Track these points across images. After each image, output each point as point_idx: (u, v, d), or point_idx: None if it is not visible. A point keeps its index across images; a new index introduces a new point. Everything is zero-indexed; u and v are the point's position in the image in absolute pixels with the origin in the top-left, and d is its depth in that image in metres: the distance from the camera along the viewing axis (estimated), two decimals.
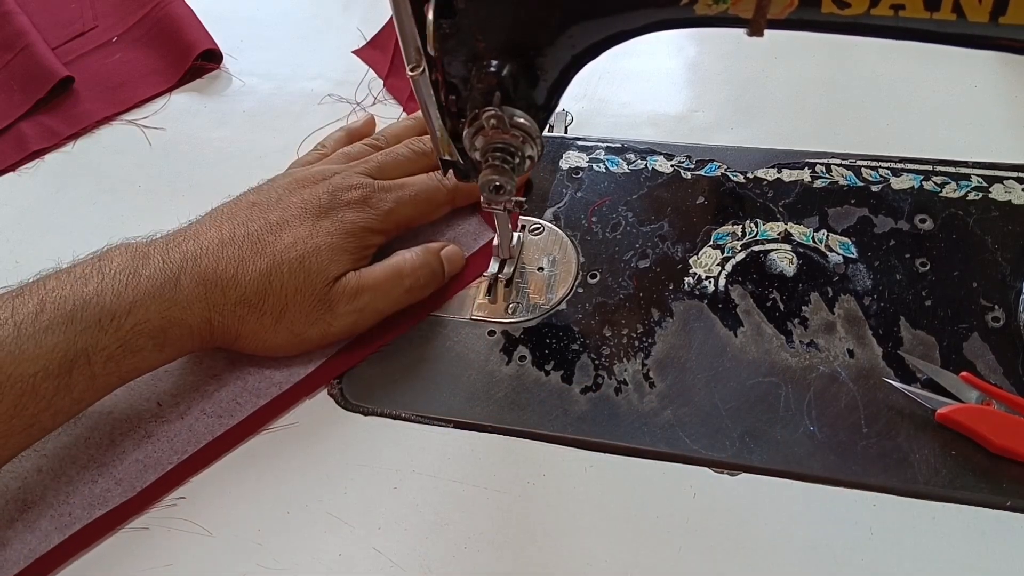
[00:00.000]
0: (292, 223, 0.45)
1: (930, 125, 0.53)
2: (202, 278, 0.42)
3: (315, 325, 0.44)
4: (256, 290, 0.43)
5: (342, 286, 0.44)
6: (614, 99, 0.60)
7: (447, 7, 0.35)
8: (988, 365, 0.41)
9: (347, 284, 0.45)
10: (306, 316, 0.44)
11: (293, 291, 0.43)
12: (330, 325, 0.45)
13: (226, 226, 0.44)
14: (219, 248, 0.43)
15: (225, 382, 0.46)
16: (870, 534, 0.37)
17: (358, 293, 0.45)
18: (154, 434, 0.44)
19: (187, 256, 0.42)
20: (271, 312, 0.43)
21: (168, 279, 0.41)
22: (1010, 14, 0.30)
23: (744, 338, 0.44)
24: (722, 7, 0.32)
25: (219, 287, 0.42)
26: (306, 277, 0.43)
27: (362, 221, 0.46)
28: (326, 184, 0.47)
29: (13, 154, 0.63)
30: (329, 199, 0.46)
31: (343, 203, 0.46)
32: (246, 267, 0.43)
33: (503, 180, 0.40)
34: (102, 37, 0.72)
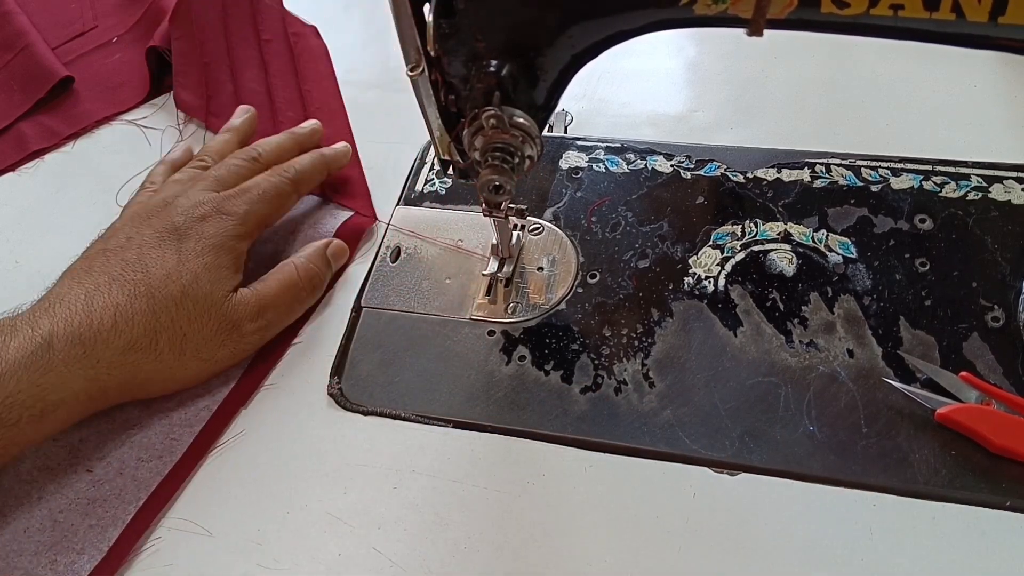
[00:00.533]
0: (154, 255, 0.44)
1: (930, 125, 0.53)
2: (78, 337, 0.40)
3: (224, 346, 0.45)
4: (144, 332, 0.42)
5: (242, 306, 0.45)
6: (614, 99, 0.60)
7: (447, 7, 0.35)
8: (988, 365, 0.41)
9: (247, 304, 0.45)
10: (212, 339, 0.44)
11: (187, 321, 0.43)
12: (238, 344, 0.45)
13: (87, 280, 0.43)
14: (87, 302, 0.41)
15: (148, 425, 0.45)
16: (870, 534, 0.37)
17: (260, 312, 0.45)
18: (97, 497, 0.42)
19: (56, 319, 0.41)
20: (169, 348, 0.43)
21: (39, 346, 0.39)
22: (1009, 14, 0.30)
23: (744, 338, 0.44)
24: (721, 7, 0.32)
25: (100, 341, 0.41)
26: (195, 305, 0.43)
27: (224, 231, 0.46)
28: (173, 208, 0.46)
29: (13, 154, 0.63)
30: (183, 219, 0.45)
31: (198, 218, 0.46)
32: (124, 312, 0.42)
33: (503, 180, 0.40)
34: (102, 37, 0.72)
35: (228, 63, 0.64)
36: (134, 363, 0.42)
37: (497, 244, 0.48)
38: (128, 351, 0.41)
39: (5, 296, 0.54)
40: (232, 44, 0.65)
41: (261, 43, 0.65)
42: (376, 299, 0.49)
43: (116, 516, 0.42)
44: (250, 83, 0.63)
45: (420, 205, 0.54)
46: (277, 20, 0.67)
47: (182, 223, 0.45)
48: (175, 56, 0.65)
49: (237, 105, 0.59)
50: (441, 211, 0.54)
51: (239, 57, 0.65)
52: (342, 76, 0.66)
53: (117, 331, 0.41)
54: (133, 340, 0.41)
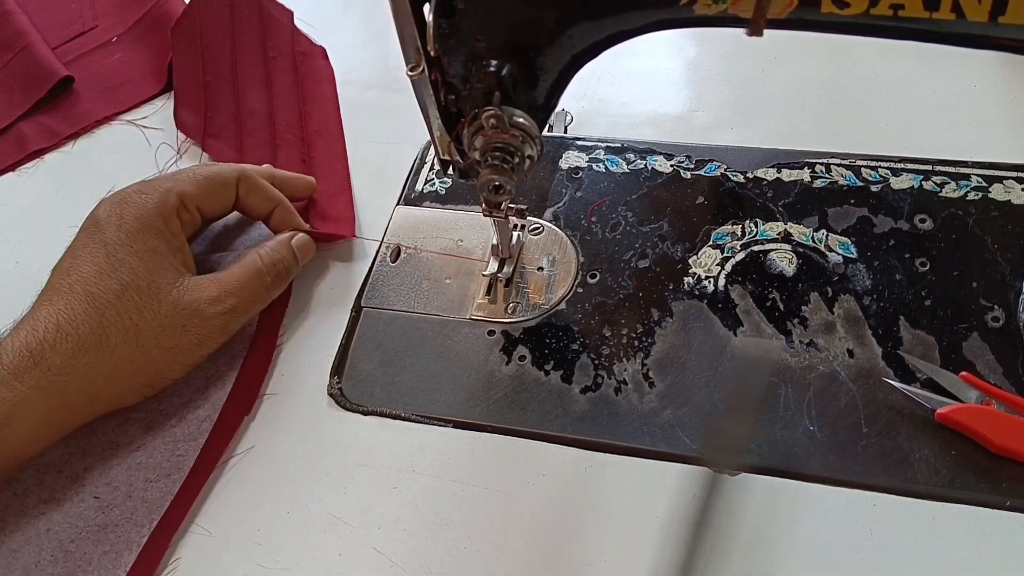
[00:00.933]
0: (84, 256, 0.43)
1: (930, 125, 0.53)
2: (24, 347, 0.40)
3: (186, 332, 0.43)
4: (91, 331, 0.41)
5: (199, 290, 0.44)
6: (614, 99, 0.60)
7: (447, 7, 0.35)
8: (988, 365, 0.41)
9: (203, 288, 0.44)
10: (169, 326, 0.43)
11: (136, 312, 0.42)
12: (203, 328, 0.44)
13: (34, 304, 0.43)
14: (31, 317, 0.41)
15: (151, 445, 0.44)
16: (870, 534, 0.37)
17: (221, 296, 0.44)
18: (108, 523, 0.42)
19: (4, 340, 0.41)
20: (124, 342, 0.41)
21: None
22: (1009, 14, 0.30)
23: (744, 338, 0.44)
24: (721, 7, 0.32)
25: (47, 348, 0.40)
26: (139, 295, 0.42)
27: (143, 210, 0.44)
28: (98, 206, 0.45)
29: (13, 154, 0.63)
30: (104, 211, 0.44)
31: (116, 204, 0.44)
32: (66, 316, 0.41)
33: (503, 180, 0.40)
34: (102, 37, 0.72)
35: (231, 81, 0.62)
36: (88, 365, 0.40)
37: (497, 244, 0.48)
38: (79, 353, 0.40)
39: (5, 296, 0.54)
40: (237, 60, 0.63)
41: (267, 60, 0.63)
42: (376, 299, 0.49)
43: (130, 539, 0.41)
44: (252, 103, 0.61)
45: (420, 205, 0.54)
46: (286, 37, 0.65)
47: (103, 215, 0.44)
48: (177, 72, 0.64)
49: (236, 127, 0.59)
50: (441, 211, 0.54)
51: (243, 75, 0.63)
52: (342, 76, 0.66)
53: (62, 335, 0.40)
54: (81, 341, 0.40)
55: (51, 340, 0.40)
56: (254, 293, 0.46)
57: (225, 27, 0.64)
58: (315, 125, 0.59)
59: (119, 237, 0.43)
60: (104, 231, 0.43)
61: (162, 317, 0.42)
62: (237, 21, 0.65)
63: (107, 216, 0.44)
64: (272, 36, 0.64)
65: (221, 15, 0.65)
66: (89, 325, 0.41)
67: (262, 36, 0.64)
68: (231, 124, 0.60)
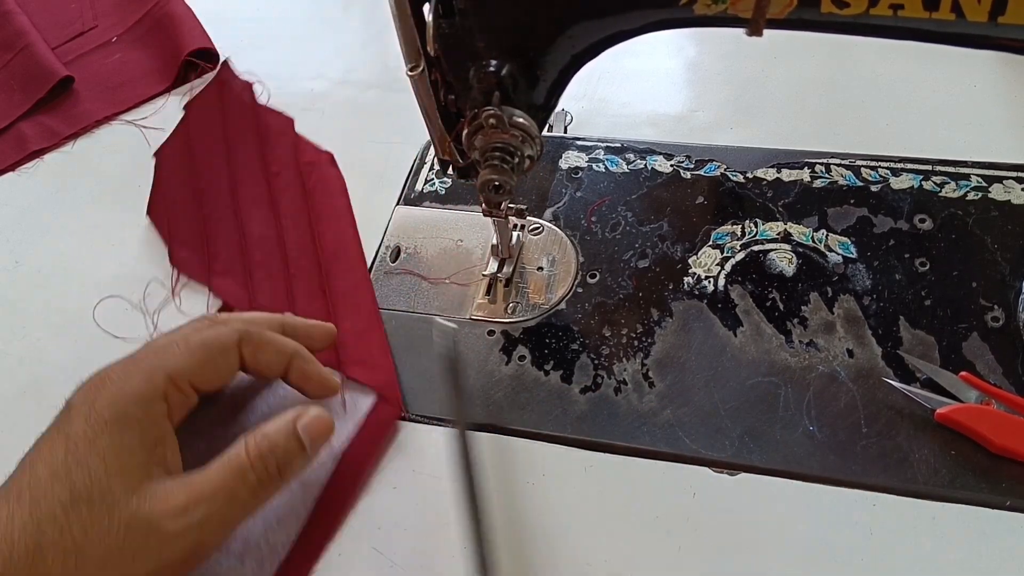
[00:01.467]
0: (44, 450, 0.35)
1: (930, 125, 0.53)
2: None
3: (137, 560, 0.33)
4: (25, 550, 0.32)
5: (162, 499, 0.34)
6: (614, 99, 0.60)
7: (447, 7, 0.35)
8: (988, 365, 0.41)
9: (170, 496, 0.34)
10: (118, 550, 0.33)
11: (80, 532, 0.33)
12: (161, 553, 0.34)
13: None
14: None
15: None
16: (870, 534, 0.37)
17: (188, 506, 0.34)
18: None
19: None
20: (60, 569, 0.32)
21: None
22: (1009, 14, 0.30)
23: (744, 338, 0.44)
24: (721, 7, 0.32)
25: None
26: (89, 510, 0.33)
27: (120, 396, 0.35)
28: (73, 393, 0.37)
29: (13, 154, 0.63)
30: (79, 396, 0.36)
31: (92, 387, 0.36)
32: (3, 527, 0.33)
33: (502, 180, 0.40)
34: (102, 37, 0.72)
35: (232, 207, 0.55)
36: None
37: (497, 244, 0.48)
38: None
39: (5, 296, 0.54)
40: (237, 182, 0.57)
41: (270, 177, 0.57)
42: (376, 299, 0.49)
43: None
44: (257, 229, 0.54)
45: (420, 205, 0.54)
46: (288, 148, 0.58)
47: (76, 401, 0.36)
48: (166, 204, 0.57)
49: (243, 259, 0.51)
50: (441, 211, 0.54)
51: (244, 198, 0.56)
52: (342, 76, 0.66)
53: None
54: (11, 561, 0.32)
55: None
56: (232, 499, 0.35)
57: (219, 146, 0.58)
58: (331, 246, 0.52)
59: (84, 431, 0.35)
60: (72, 422, 0.35)
61: (111, 540, 0.33)
62: (232, 138, 0.59)
63: (79, 403, 0.36)
64: (273, 149, 0.58)
65: (213, 133, 0.59)
66: (24, 542, 0.32)
67: (261, 151, 0.58)
68: (237, 257, 0.53)
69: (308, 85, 0.66)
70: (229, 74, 0.59)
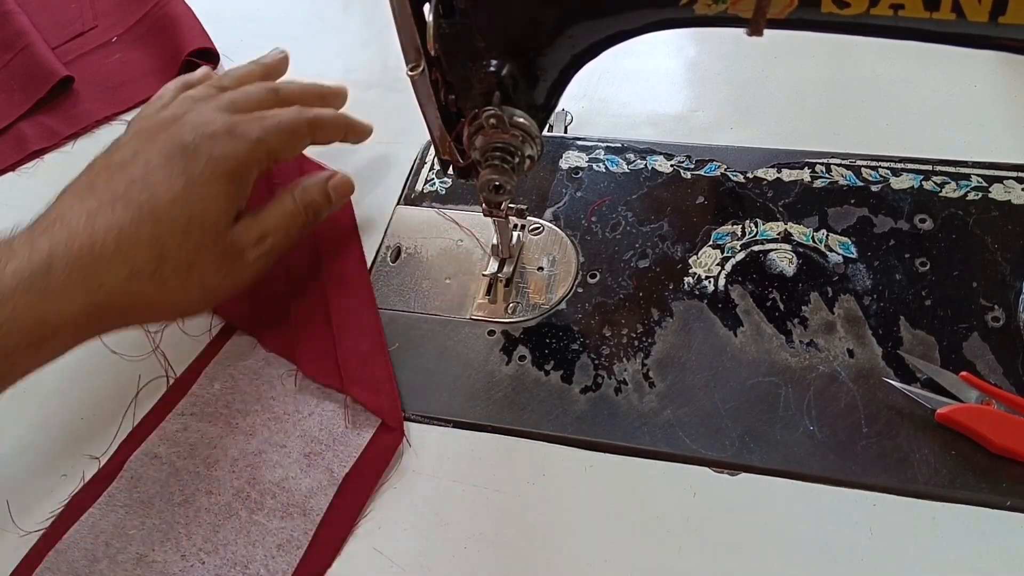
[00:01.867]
0: (160, 175, 0.41)
1: (930, 125, 0.53)
2: (78, 261, 0.38)
3: (227, 276, 0.43)
4: (149, 258, 0.39)
5: (246, 233, 0.44)
6: (614, 99, 0.60)
7: (447, 7, 0.35)
8: (988, 365, 0.41)
9: (250, 231, 0.44)
10: (216, 268, 0.42)
11: (195, 251, 0.41)
12: (242, 274, 0.44)
13: (89, 197, 0.40)
14: (90, 223, 0.39)
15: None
16: (870, 534, 0.37)
17: (262, 238, 0.44)
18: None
19: (56, 241, 0.38)
20: (175, 274, 0.40)
21: (37, 269, 0.37)
22: (1010, 14, 0.30)
23: (744, 338, 0.44)
24: (721, 7, 0.32)
25: (101, 266, 0.38)
26: (202, 235, 0.41)
27: (234, 155, 0.43)
28: (182, 124, 0.43)
29: (13, 154, 0.63)
30: (192, 136, 0.42)
31: (207, 136, 0.42)
32: (127, 237, 0.39)
33: (503, 179, 0.40)
34: (102, 37, 0.72)
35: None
36: (137, 291, 0.40)
37: (497, 244, 0.48)
38: (131, 278, 0.39)
39: None
40: None
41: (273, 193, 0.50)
42: (376, 299, 0.49)
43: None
44: None
45: (420, 205, 0.54)
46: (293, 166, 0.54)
47: (191, 141, 0.42)
48: None
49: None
50: (441, 211, 0.54)
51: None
52: (342, 76, 0.65)
53: (120, 256, 0.39)
54: (137, 267, 0.39)
55: (107, 260, 0.38)
56: (287, 234, 0.46)
57: None
58: (335, 266, 0.50)
59: (205, 173, 0.42)
60: (191, 162, 0.42)
61: (211, 258, 0.42)
62: None
63: (195, 146, 0.42)
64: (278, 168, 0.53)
65: None
66: (148, 253, 0.39)
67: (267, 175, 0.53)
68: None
69: None
70: None
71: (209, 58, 0.67)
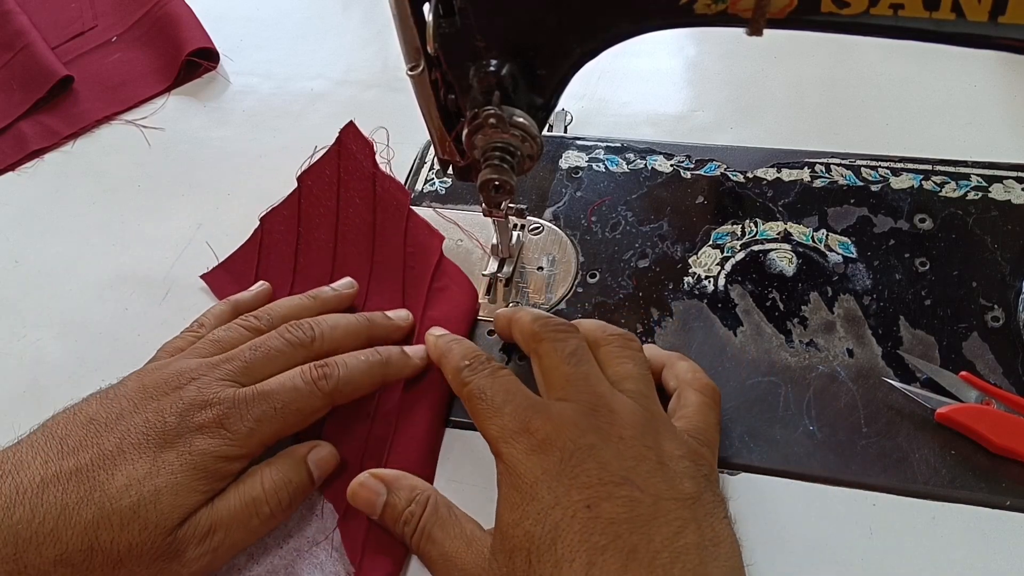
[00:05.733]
0: (129, 455, 0.36)
1: (930, 125, 0.53)
2: (14, 534, 0.34)
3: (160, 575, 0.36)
4: (80, 548, 0.34)
5: (191, 528, 0.36)
6: (614, 99, 0.60)
7: (447, 7, 0.35)
8: (988, 365, 0.41)
9: (197, 524, 0.36)
10: (146, 570, 0.36)
11: (127, 547, 0.35)
12: (180, 571, 0.36)
13: (52, 456, 0.36)
14: (39, 491, 0.35)
15: None
16: (870, 534, 0.37)
17: (210, 532, 0.36)
18: None
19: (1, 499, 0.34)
20: (100, 569, 0.35)
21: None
22: (1009, 14, 0.30)
23: (744, 338, 0.44)
24: (721, 7, 0.32)
25: (34, 544, 0.34)
26: (141, 530, 0.35)
27: (215, 450, 0.37)
28: (176, 398, 0.38)
29: (13, 154, 0.63)
30: (177, 422, 0.37)
31: (194, 427, 0.37)
32: (68, 518, 0.34)
33: (503, 179, 0.40)
34: (102, 37, 0.72)
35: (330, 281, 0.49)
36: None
37: (497, 244, 0.48)
38: (58, 563, 0.34)
39: (5, 296, 0.54)
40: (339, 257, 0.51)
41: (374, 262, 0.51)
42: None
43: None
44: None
45: (420, 205, 0.54)
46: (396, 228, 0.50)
47: (175, 427, 0.37)
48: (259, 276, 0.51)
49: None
50: (441, 211, 0.54)
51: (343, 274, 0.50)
52: (342, 76, 0.66)
53: (55, 539, 0.34)
54: (67, 554, 0.34)
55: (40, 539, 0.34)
56: (244, 527, 0.37)
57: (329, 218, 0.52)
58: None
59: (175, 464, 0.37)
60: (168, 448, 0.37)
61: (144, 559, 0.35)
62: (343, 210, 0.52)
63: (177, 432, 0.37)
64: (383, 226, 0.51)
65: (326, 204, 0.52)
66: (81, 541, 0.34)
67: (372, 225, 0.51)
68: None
69: (308, 85, 0.66)
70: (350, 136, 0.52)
71: (209, 58, 0.67)
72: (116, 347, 0.49)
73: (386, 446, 0.42)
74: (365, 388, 0.42)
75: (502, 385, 0.38)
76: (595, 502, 0.33)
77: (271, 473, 0.39)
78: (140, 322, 0.51)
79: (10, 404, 0.48)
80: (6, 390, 0.48)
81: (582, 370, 0.38)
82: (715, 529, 0.34)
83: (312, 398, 0.40)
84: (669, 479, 0.34)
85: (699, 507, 0.34)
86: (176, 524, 0.36)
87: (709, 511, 0.34)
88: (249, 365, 0.40)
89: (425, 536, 0.37)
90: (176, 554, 0.36)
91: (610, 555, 0.31)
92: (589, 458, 0.34)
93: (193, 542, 0.36)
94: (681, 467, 0.34)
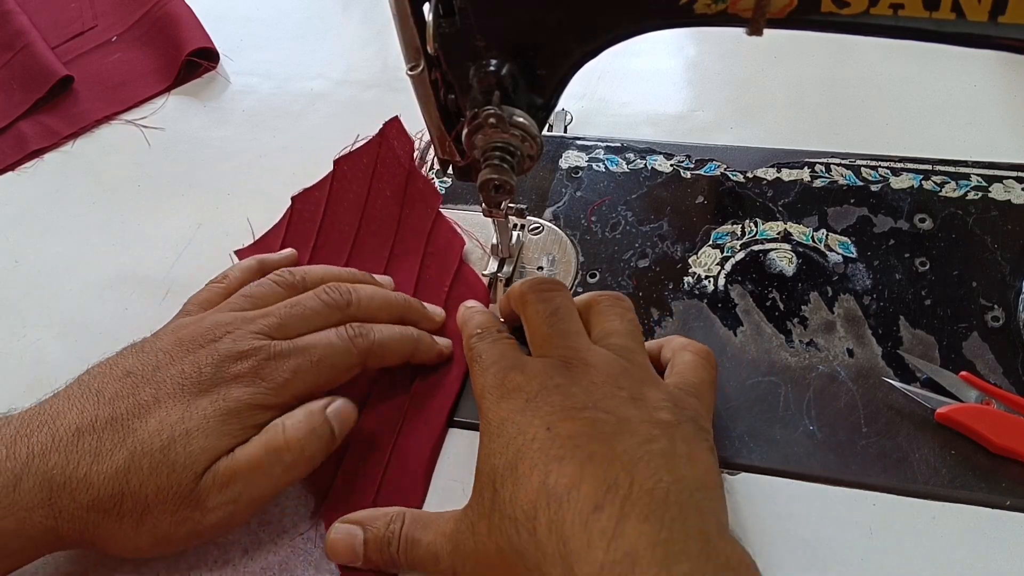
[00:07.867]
0: (164, 403, 0.37)
1: (930, 125, 0.53)
2: (48, 479, 0.35)
3: (182, 525, 0.36)
4: (111, 492, 0.35)
5: (212, 475, 0.36)
6: (614, 99, 0.60)
7: (447, 7, 0.35)
8: (988, 364, 0.41)
9: (217, 471, 0.36)
10: (171, 517, 0.36)
11: (154, 490, 0.35)
12: (199, 523, 0.36)
13: (88, 407, 0.37)
14: (74, 439, 0.36)
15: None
16: (870, 534, 0.37)
17: (230, 481, 0.36)
18: None
19: (34, 451, 0.35)
20: (130, 515, 0.35)
21: (7, 481, 0.34)
22: (1009, 14, 0.30)
23: (744, 337, 0.44)
24: (721, 6, 0.32)
25: (67, 490, 0.35)
26: (170, 473, 0.35)
27: (249, 397, 0.38)
28: (212, 350, 0.39)
29: (13, 153, 0.63)
30: (213, 372, 0.38)
31: (230, 377, 0.38)
32: (101, 463, 0.35)
33: (503, 179, 0.40)
34: (102, 37, 0.72)
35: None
36: (94, 522, 0.36)
37: (497, 244, 0.48)
38: (91, 509, 0.35)
39: (5, 296, 0.54)
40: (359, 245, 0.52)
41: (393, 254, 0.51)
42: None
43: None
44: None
45: None
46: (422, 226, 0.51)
47: (211, 376, 0.38)
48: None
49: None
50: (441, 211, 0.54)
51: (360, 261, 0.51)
52: (342, 76, 0.66)
53: (87, 484, 0.35)
54: (99, 499, 0.35)
55: (74, 485, 0.35)
56: (265, 477, 0.37)
57: (357, 204, 0.53)
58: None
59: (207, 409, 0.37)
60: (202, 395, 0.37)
61: (170, 504, 0.36)
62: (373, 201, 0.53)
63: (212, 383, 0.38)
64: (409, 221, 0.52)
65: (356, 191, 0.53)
66: (112, 485, 0.35)
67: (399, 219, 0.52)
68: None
69: (308, 85, 0.66)
70: (393, 131, 0.53)
71: (209, 58, 0.67)
72: (116, 347, 0.48)
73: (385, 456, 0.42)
74: (395, 357, 0.43)
75: (497, 349, 0.39)
76: (555, 423, 0.33)
77: (291, 422, 0.38)
78: (140, 322, 0.50)
79: (10, 404, 0.47)
80: (6, 390, 0.48)
81: (560, 327, 0.38)
82: (691, 448, 0.33)
83: (347, 355, 0.40)
84: (642, 409, 0.34)
85: (676, 430, 0.33)
86: (205, 467, 0.36)
87: (688, 436, 0.33)
88: (284, 322, 0.40)
89: (410, 543, 0.37)
90: (198, 501, 0.36)
91: (567, 463, 0.32)
92: (555, 392, 0.35)
93: (214, 489, 0.36)
94: (660, 404, 0.35)
